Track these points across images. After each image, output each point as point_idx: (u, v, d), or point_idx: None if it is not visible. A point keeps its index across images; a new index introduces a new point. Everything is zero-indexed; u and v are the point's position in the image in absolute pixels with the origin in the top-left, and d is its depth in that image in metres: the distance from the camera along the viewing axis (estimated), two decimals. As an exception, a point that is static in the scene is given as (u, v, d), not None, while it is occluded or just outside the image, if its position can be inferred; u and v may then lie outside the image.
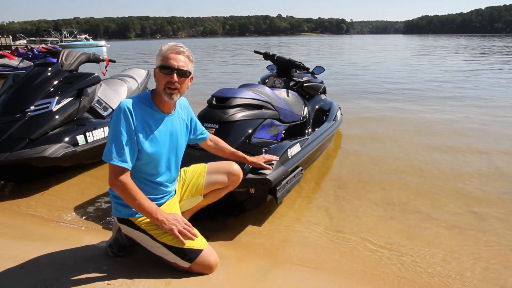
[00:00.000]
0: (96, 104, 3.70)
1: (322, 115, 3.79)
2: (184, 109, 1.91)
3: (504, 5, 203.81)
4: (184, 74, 1.68)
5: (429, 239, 2.22)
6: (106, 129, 3.34)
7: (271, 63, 3.98)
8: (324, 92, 4.26)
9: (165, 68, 1.65)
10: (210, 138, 2.13)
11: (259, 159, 2.17)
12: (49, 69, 3.29)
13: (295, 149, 2.56)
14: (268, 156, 2.22)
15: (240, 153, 2.16)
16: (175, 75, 1.65)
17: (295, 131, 3.13)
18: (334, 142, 4.28)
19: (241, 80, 9.91)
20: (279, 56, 3.75)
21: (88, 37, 69.85)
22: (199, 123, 2.04)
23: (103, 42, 64.98)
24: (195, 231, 1.75)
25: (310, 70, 4.10)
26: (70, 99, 3.23)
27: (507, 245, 2.15)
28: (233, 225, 2.37)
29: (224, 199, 2.09)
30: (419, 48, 29.41)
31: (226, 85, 5.64)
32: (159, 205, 1.76)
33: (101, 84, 3.80)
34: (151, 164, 1.72)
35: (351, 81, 9.74)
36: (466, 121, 5.23)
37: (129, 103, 1.64)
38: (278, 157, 2.27)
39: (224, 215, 2.48)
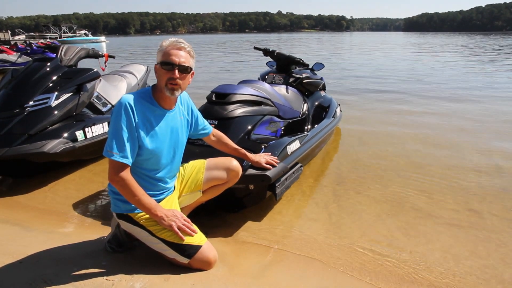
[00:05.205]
0: (95, 100, 3.69)
1: (321, 112, 3.78)
2: (185, 104, 1.90)
3: (505, 3, 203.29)
4: (185, 70, 1.67)
5: (427, 236, 2.23)
6: (105, 124, 3.33)
7: (271, 59, 3.97)
8: (323, 88, 4.25)
9: (166, 64, 1.64)
10: (213, 133, 2.12)
11: (261, 160, 2.17)
12: (48, 64, 3.27)
13: (294, 145, 2.55)
14: (270, 158, 2.22)
15: (242, 150, 2.15)
16: (176, 71, 1.64)
17: (295, 127, 3.13)
18: (334, 138, 4.28)
19: (241, 76, 9.90)
20: (278, 52, 3.74)
21: (87, 32, 69.73)
22: (201, 118, 2.03)
23: (102, 38, 64.77)
24: (194, 227, 1.75)
25: (310, 67, 4.09)
26: (69, 94, 3.21)
27: (506, 242, 2.15)
28: (232, 221, 2.37)
29: (223, 195, 2.09)
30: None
31: (225, 81, 5.63)
32: (158, 201, 1.76)
33: (100, 80, 3.78)
34: (152, 160, 1.72)
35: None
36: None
37: (130, 99, 1.63)
38: (277, 157, 2.26)
39: (223, 211, 2.48)
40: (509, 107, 5.95)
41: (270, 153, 2.26)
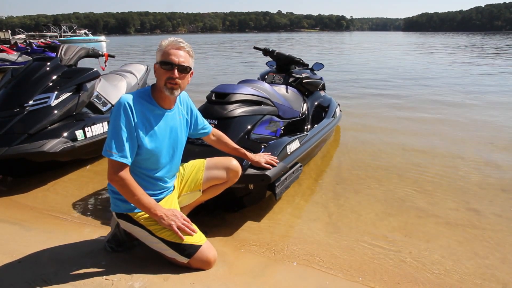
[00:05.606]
0: (95, 99, 3.69)
1: (321, 112, 3.78)
2: (184, 104, 1.90)
3: (504, 3, 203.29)
4: (184, 69, 1.67)
5: (427, 235, 2.23)
6: (105, 124, 3.33)
7: (271, 59, 3.97)
8: (323, 88, 4.25)
9: (166, 64, 1.64)
10: (213, 133, 2.12)
11: (260, 159, 2.17)
12: (48, 63, 3.27)
13: (294, 145, 2.55)
14: (270, 158, 2.22)
15: (242, 150, 2.15)
16: (175, 70, 1.64)
17: (294, 127, 3.13)
18: (333, 138, 4.28)
19: (241, 76, 9.90)
20: (278, 52, 3.74)
21: (87, 32, 69.78)
22: (200, 117, 2.03)
23: (102, 37, 64.83)
24: (194, 226, 1.75)
25: (310, 67, 4.09)
26: (69, 94, 3.21)
27: (506, 242, 2.15)
28: (232, 221, 2.37)
29: (223, 194, 2.08)
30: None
31: (225, 81, 5.63)
32: (158, 200, 1.76)
33: (100, 79, 3.78)
34: (151, 160, 1.72)
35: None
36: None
37: (129, 98, 1.63)
38: (277, 157, 2.26)
39: (223, 210, 2.48)
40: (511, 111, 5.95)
41: (269, 153, 2.27)
